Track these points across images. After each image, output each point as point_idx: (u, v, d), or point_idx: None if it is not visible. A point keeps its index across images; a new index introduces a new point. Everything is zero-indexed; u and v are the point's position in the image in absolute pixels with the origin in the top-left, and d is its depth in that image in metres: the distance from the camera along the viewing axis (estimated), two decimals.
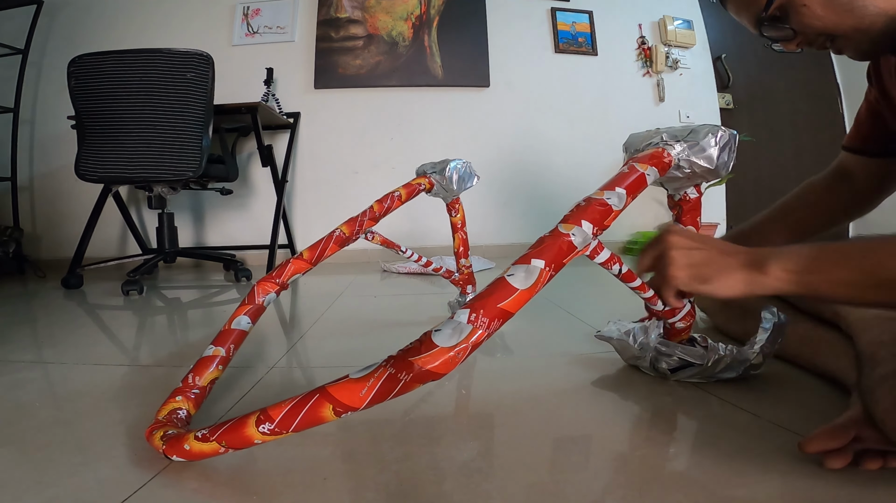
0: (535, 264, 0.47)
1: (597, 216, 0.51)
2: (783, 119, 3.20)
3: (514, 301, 0.44)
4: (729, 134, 0.59)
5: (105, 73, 1.75)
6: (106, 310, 1.49)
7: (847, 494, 0.41)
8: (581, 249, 0.50)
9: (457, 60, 2.75)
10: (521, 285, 0.45)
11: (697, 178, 0.60)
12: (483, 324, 0.42)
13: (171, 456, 0.48)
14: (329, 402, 0.43)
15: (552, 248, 0.48)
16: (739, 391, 0.67)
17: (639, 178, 0.55)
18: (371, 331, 1.11)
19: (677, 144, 0.58)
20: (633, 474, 0.47)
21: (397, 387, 0.42)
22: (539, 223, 1.20)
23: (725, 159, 0.58)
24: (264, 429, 0.45)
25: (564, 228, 0.50)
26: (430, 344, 0.42)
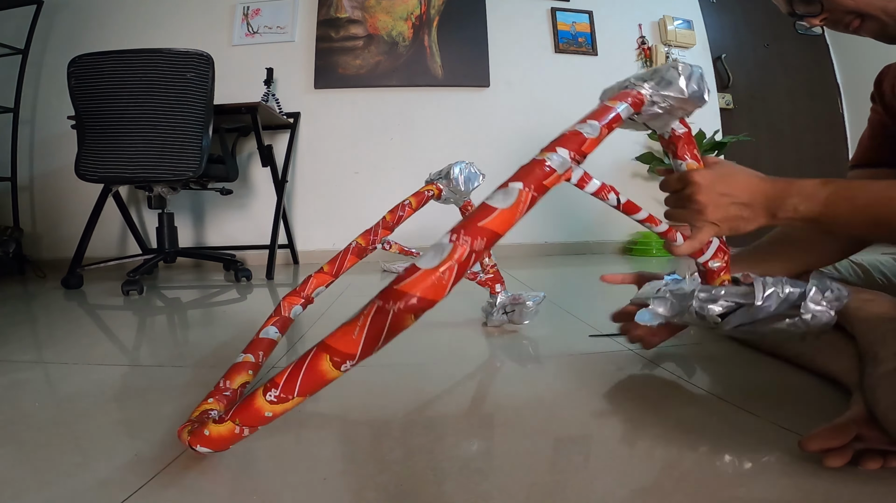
0: (513, 186, 0.47)
1: (572, 143, 0.51)
2: (783, 119, 3.20)
3: (495, 220, 0.44)
4: (691, 66, 0.61)
5: (105, 73, 1.75)
6: (106, 310, 1.49)
7: (848, 494, 0.41)
8: (562, 174, 0.51)
9: (457, 60, 2.75)
10: (501, 205, 0.45)
11: (677, 111, 0.62)
12: (465, 241, 0.41)
13: (196, 446, 0.48)
14: (326, 353, 0.43)
15: (530, 172, 0.48)
16: (739, 391, 0.67)
17: (607, 110, 0.56)
18: None
19: (646, 84, 0.60)
20: (633, 474, 0.47)
21: (388, 321, 0.41)
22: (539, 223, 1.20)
23: (696, 88, 0.60)
24: (271, 396, 0.44)
25: (540, 156, 0.50)
26: (413, 269, 0.41)
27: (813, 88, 3.25)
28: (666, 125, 0.65)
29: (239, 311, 1.46)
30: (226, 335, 1.08)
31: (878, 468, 0.43)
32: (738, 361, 0.81)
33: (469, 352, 0.94)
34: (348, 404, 0.68)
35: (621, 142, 2.86)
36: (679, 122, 0.64)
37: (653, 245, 2.66)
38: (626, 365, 0.81)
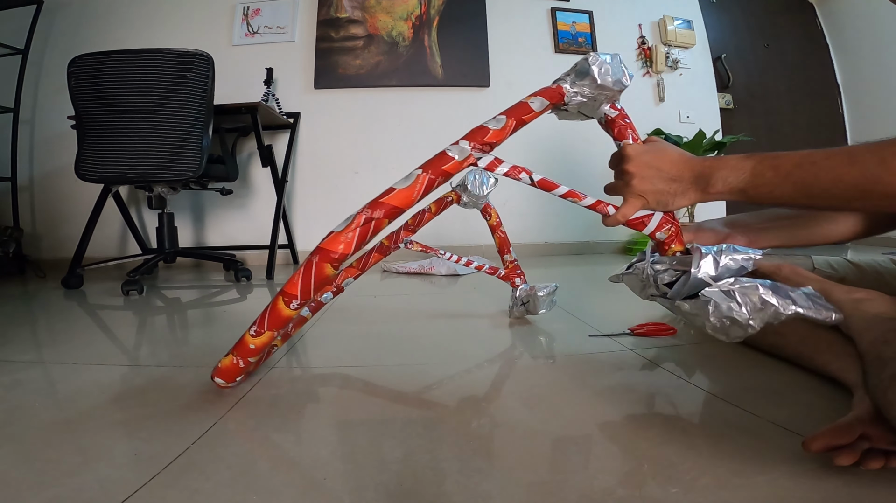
0: (413, 172, 0.59)
1: (476, 135, 0.61)
2: (783, 119, 3.20)
3: (394, 197, 0.58)
4: (605, 55, 0.65)
5: (105, 73, 1.75)
6: (106, 310, 1.49)
7: (847, 494, 0.41)
8: (462, 161, 0.60)
9: (457, 60, 2.75)
10: (401, 185, 0.58)
11: (599, 97, 0.67)
12: (366, 212, 0.57)
13: (213, 377, 0.66)
14: (281, 296, 0.59)
15: (432, 161, 0.59)
16: (739, 391, 0.67)
17: (520, 106, 0.64)
18: (371, 331, 1.11)
19: (567, 77, 0.67)
20: (633, 474, 0.47)
21: (313, 269, 0.57)
22: (539, 222, 1.20)
23: (609, 75, 0.64)
24: (252, 331, 0.62)
25: (447, 148, 0.60)
26: (330, 233, 0.58)
27: (813, 88, 3.25)
28: (596, 111, 0.70)
29: (239, 311, 1.46)
30: (226, 335, 1.08)
31: (880, 468, 0.43)
32: (738, 361, 0.81)
33: (469, 352, 0.94)
34: (348, 404, 0.68)
35: None
36: (609, 107, 0.69)
37: None
38: (625, 365, 0.81)
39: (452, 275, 1.98)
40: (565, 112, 0.70)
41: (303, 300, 0.58)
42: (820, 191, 0.51)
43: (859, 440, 0.44)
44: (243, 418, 0.62)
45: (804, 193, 0.52)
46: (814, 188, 0.51)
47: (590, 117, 0.72)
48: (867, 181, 0.48)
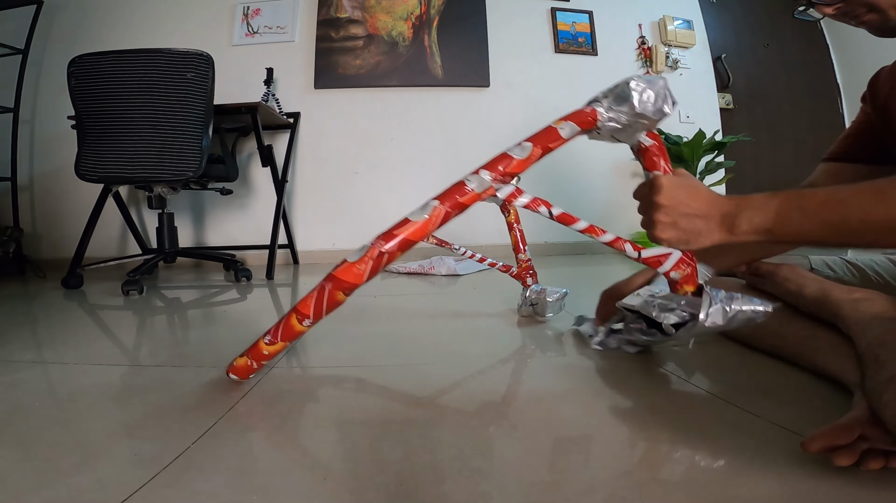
0: (430, 203, 0.58)
1: (496, 166, 0.60)
2: (783, 119, 3.20)
3: (408, 229, 0.58)
4: (650, 81, 0.61)
5: (105, 73, 1.75)
6: (106, 310, 1.49)
7: (847, 494, 0.41)
8: (481, 192, 0.59)
9: (457, 60, 2.75)
10: (417, 218, 0.58)
11: (636, 125, 0.63)
12: (380, 244, 0.58)
13: (229, 373, 0.71)
14: (294, 314, 0.62)
15: (450, 192, 0.58)
16: (739, 391, 0.67)
17: (548, 132, 0.62)
18: (371, 331, 1.11)
19: (604, 100, 0.63)
20: (634, 474, 0.47)
21: (326, 295, 0.59)
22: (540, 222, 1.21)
23: (651, 103, 0.61)
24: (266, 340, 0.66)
25: (465, 178, 0.60)
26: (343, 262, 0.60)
27: (813, 88, 3.25)
28: (631, 138, 0.67)
29: (239, 311, 1.46)
30: (226, 335, 1.08)
31: (880, 468, 0.43)
32: (738, 361, 0.81)
33: (469, 352, 0.94)
34: (348, 404, 0.68)
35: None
36: (645, 135, 0.66)
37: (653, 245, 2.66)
38: (625, 365, 0.81)
39: (452, 276, 1.98)
40: (598, 135, 0.67)
41: (315, 320, 0.61)
42: (848, 230, 0.49)
43: (858, 440, 0.44)
44: (243, 418, 0.62)
45: (833, 232, 0.50)
46: (842, 227, 0.49)
47: (621, 142, 0.69)
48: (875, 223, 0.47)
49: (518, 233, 1.20)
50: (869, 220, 0.48)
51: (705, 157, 2.71)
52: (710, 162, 2.71)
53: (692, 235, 0.57)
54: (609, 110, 0.63)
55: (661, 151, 0.66)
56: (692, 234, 0.57)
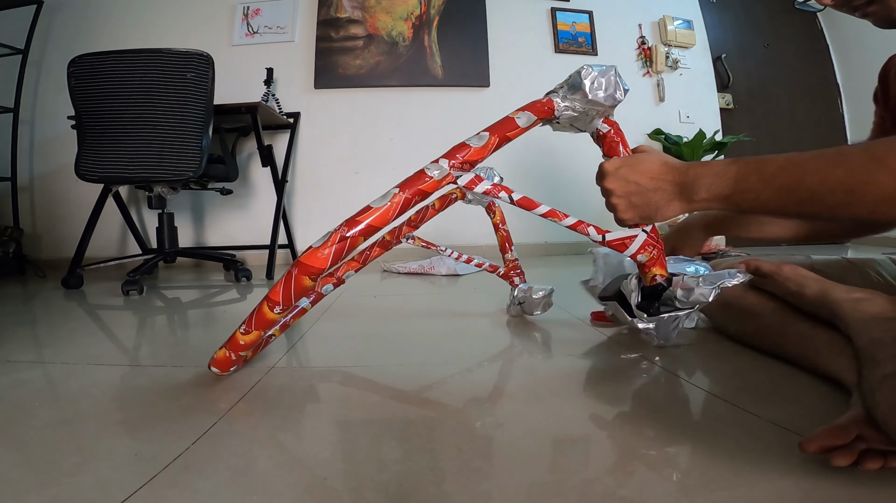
0: (391, 191, 0.60)
1: (455, 153, 0.62)
2: (783, 119, 3.20)
3: (370, 215, 0.59)
4: (599, 69, 0.64)
5: (105, 73, 1.75)
6: (106, 310, 1.49)
7: (847, 494, 0.41)
8: (440, 180, 0.62)
9: (457, 60, 2.75)
10: (377, 205, 0.60)
11: (591, 112, 0.65)
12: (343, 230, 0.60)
13: (210, 366, 0.72)
14: (265, 301, 0.63)
15: (410, 180, 0.61)
16: (739, 391, 0.67)
17: (505, 121, 0.64)
18: (371, 330, 1.11)
19: (560, 90, 0.66)
20: (634, 474, 0.47)
21: (293, 280, 0.60)
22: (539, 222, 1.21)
23: (601, 90, 0.63)
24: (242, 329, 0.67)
25: (425, 167, 0.62)
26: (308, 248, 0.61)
27: (813, 88, 3.25)
28: (588, 125, 0.69)
29: (239, 311, 1.46)
30: (226, 335, 1.08)
31: (879, 468, 0.43)
32: (738, 361, 0.81)
33: (469, 352, 0.94)
34: (348, 404, 0.68)
35: None
36: (602, 122, 0.68)
37: None
38: (625, 365, 0.81)
39: (453, 275, 1.98)
40: (558, 125, 0.70)
41: (285, 306, 0.62)
42: (806, 194, 0.46)
43: (856, 441, 0.44)
44: (243, 418, 0.62)
45: (791, 198, 0.48)
46: (799, 191, 0.46)
47: (583, 131, 0.71)
48: (855, 181, 0.43)
49: (504, 233, 1.20)
50: (826, 182, 0.44)
51: (705, 157, 2.72)
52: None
53: (651, 210, 0.57)
54: (564, 99, 0.65)
55: (618, 136, 0.68)
56: (651, 208, 0.57)
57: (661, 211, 0.56)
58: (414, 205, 0.61)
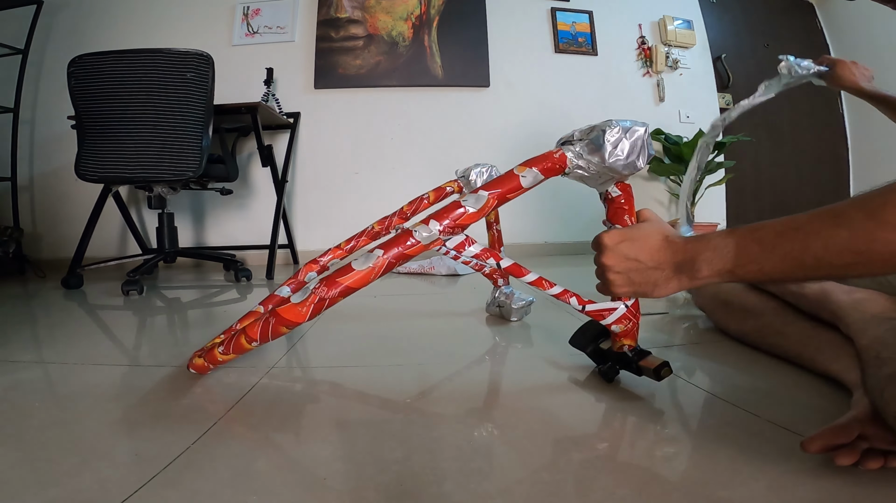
0: (375, 253, 0.59)
1: (446, 216, 0.59)
2: (783, 119, 3.20)
3: (351, 278, 0.59)
4: (621, 128, 0.58)
5: (105, 73, 1.75)
6: (106, 310, 1.49)
7: (848, 494, 0.41)
8: (428, 244, 0.59)
9: (457, 60, 2.75)
10: (360, 267, 0.59)
11: (604, 175, 0.60)
12: (323, 290, 0.59)
13: (189, 367, 0.75)
14: (242, 334, 0.65)
15: (395, 241, 0.59)
16: (739, 391, 0.67)
17: (508, 178, 0.60)
18: (371, 331, 1.11)
19: (577, 143, 0.59)
20: (633, 474, 0.47)
21: (270, 328, 0.62)
22: (539, 222, 1.20)
23: (622, 156, 0.57)
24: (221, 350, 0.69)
25: (413, 227, 0.59)
26: (287, 301, 0.63)
27: (813, 88, 3.25)
28: (599, 185, 0.64)
29: (239, 311, 1.46)
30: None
31: (879, 468, 0.43)
32: (738, 361, 0.81)
33: (469, 352, 0.94)
34: (348, 404, 0.68)
35: None
36: (615, 186, 0.63)
37: None
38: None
39: (453, 275, 1.98)
40: (563, 174, 0.64)
41: (261, 342, 0.65)
42: (813, 261, 0.43)
43: (858, 440, 0.44)
44: (243, 418, 0.62)
45: (797, 266, 0.44)
46: (805, 259, 0.43)
47: (590, 186, 0.66)
48: (859, 242, 0.40)
49: (496, 233, 1.19)
50: (831, 246, 0.41)
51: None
52: (710, 162, 2.71)
53: (649, 287, 0.54)
54: (579, 157, 0.59)
55: (628, 202, 0.64)
56: (649, 286, 0.54)
57: (658, 288, 0.54)
58: (397, 267, 0.61)
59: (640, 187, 2.87)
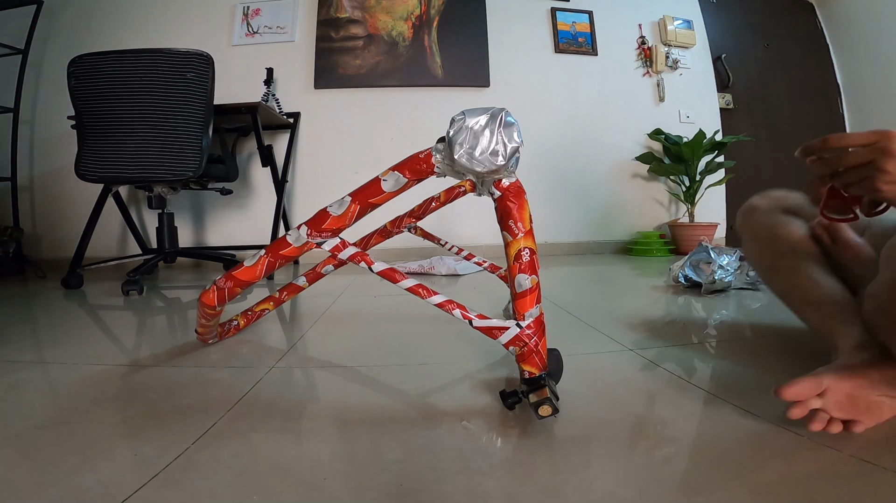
0: (257, 253, 0.67)
1: (314, 221, 0.63)
2: (783, 119, 3.20)
3: (241, 271, 0.69)
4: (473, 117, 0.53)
5: (105, 73, 1.75)
6: (106, 310, 1.49)
7: (848, 494, 0.41)
8: (301, 247, 0.64)
9: (457, 60, 2.75)
10: (248, 263, 0.68)
11: (477, 176, 0.56)
12: (221, 280, 0.71)
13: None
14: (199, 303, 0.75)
15: (274, 245, 0.66)
16: (739, 391, 0.67)
17: (371, 185, 0.60)
18: (371, 330, 1.11)
19: (440, 144, 0.56)
20: (633, 474, 0.47)
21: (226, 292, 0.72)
22: (539, 222, 1.20)
23: (477, 156, 0.51)
24: None
25: (287, 233, 0.65)
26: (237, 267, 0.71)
27: (813, 88, 3.25)
28: (480, 188, 0.60)
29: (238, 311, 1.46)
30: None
31: (821, 430, 0.50)
32: (738, 361, 0.81)
33: (469, 352, 0.94)
34: (348, 404, 0.68)
35: (622, 142, 2.86)
36: (493, 187, 0.58)
37: (653, 245, 2.66)
38: (625, 365, 0.81)
39: (453, 275, 1.98)
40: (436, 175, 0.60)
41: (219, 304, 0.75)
42: None
43: (816, 397, 0.50)
44: (243, 418, 0.62)
45: None
46: None
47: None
48: None
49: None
50: None
51: (705, 157, 2.72)
52: (710, 162, 2.71)
53: None
54: (438, 152, 0.55)
55: (517, 200, 0.58)
56: None
57: None
58: (280, 266, 0.68)
59: (640, 187, 2.87)
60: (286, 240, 0.64)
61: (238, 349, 0.97)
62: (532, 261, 0.60)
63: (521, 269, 0.60)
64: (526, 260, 0.60)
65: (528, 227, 0.60)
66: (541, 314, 0.61)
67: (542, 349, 0.60)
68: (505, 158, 0.52)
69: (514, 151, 0.52)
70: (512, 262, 0.60)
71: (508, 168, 0.54)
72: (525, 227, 0.60)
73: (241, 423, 0.60)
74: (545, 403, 0.54)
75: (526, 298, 0.60)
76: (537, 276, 0.61)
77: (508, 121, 0.54)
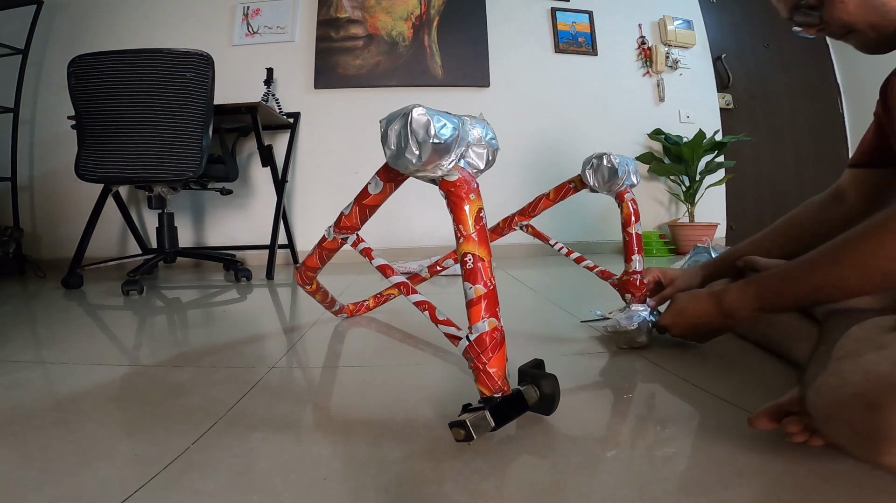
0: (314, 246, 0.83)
1: (336, 221, 0.76)
2: (783, 119, 3.20)
3: (307, 259, 0.87)
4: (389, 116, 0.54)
5: (105, 73, 1.75)
6: (106, 310, 1.49)
7: (847, 494, 0.41)
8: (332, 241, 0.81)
9: (457, 60, 2.75)
10: (309, 254, 0.85)
11: (423, 176, 0.55)
12: (301, 267, 0.92)
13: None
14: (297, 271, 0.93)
15: (320, 241, 0.83)
16: (739, 390, 0.67)
17: (364, 188, 0.68)
18: (371, 330, 1.11)
19: None
20: (633, 474, 0.47)
21: None
22: (539, 222, 1.21)
23: (392, 151, 0.53)
24: None
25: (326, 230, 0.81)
26: None
27: (813, 88, 3.25)
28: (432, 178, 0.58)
29: (239, 311, 1.46)
30: (226, 335, 1.08)
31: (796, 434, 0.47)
32: (738, 361, 0.81)
33: None
34: (348, 404, 0.68)
35: (622, 142, 2.86)
36: (438, 187, 0.56)
37: (653, 245, 2.66)
38: (625, 365, 0.81)
39: (453, 276, 1.98)
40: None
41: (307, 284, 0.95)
42: (816, 296, 0.58)
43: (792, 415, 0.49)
44: (243, 418, 0.62)
45: (808, 300, 0.60)
46: (808, 296, 0.58)
47: None
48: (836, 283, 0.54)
49: (629, 234, 1.02)
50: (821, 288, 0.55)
51: (705, 157, 2.71)
52: (710, 162, 2.71)
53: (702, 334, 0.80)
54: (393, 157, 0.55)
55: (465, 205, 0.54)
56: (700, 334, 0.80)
57: (708, 336, 0.80)
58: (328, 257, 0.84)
59: (640, 187, 2.86)
60: (325, 236, 0.80)
61: (238, 349, 0.97)
62: (476, 269, 0.53)
63: (464, 277, 0.54)
64: (469, 267, 0.53)
65: (468, 231, 0.53)
66: (494, 330, 0.53)
67: (498, 370, 0.53)
68: (421, 160, 0.50)
69: (433, 149, 0.50)
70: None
71: (442, 166, 0.52)
72: (466, 230, 0.53)
73: (241, 423, 0.60)
74: (459, 425, 0.49)
75: (472, 309, 0.53)
76: (486, 288, 0.53)
77: (418, 118, 0.53)
